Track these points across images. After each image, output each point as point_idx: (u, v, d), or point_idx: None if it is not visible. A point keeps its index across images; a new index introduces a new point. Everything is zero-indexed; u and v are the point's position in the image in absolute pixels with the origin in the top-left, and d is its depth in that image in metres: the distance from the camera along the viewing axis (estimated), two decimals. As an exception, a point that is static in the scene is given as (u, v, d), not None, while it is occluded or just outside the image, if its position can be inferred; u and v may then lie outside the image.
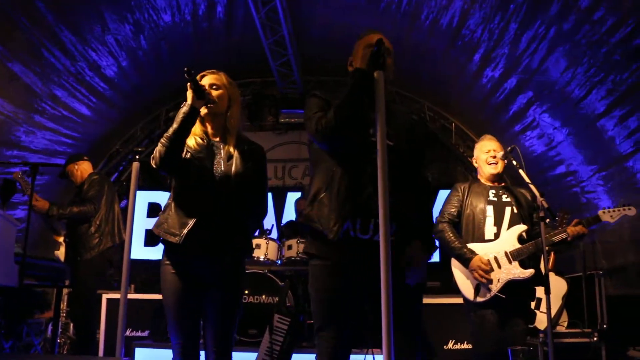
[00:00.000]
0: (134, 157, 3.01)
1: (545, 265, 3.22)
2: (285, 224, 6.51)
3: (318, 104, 2.30)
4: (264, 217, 2.82)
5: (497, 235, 3.37)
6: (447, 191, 3.74)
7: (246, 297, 4.81)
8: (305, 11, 6.69)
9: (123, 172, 8.43)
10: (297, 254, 5.31)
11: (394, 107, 2.49)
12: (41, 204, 4.61)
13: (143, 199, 7.73)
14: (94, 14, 5.58)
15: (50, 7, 5.08)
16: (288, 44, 6.92)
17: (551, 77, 5.29)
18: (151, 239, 7.54)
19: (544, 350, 4.10)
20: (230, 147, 2.62)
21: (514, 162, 3.50)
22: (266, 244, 5.30)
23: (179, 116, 2.46)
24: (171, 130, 2.46)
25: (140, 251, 7.45)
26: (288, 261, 5.38)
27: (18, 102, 5.65)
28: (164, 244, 2.58)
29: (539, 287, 3.37)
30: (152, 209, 7.72)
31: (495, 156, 3.54)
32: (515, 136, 6.42)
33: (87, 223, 4.70)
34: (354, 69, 2.31)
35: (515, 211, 3.40)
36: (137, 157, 3.01)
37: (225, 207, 2.54)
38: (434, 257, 2.51)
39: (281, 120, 8.47)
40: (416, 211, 2.36)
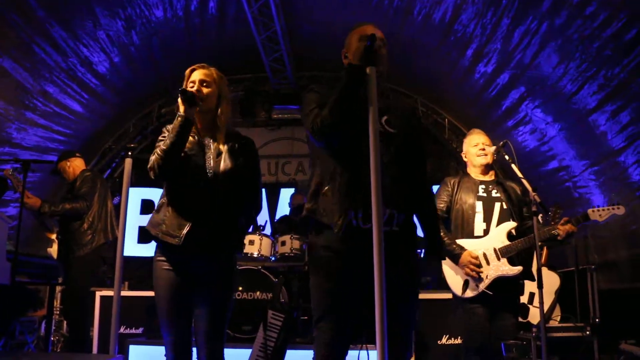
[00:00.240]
0: (126, 154, 2.98)
1: (537, 260, 3.23)
2: (279, 219, 6.50)
3: (315, 100, 2.28)
4: (258, 212, 2.79)
5: (486, 232, 3.38)
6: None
7: (240, 294, 4.80)
8: (298, 7, 6.68)
9: (116, 168, 8.40)
10: (291, 250, 5.31)
11: (393, 96, 2.50)
12: (33, 201, 4.59)
13: (136, 195, 7.70)
14: (85, 9, 5.55)
15: (40, 2, 5.04)
16: (281, 39, 6.91)
17: (543, 73, 5.31)
18: (144, 236, 7.50)
19: (536, 345, 4.14)
20: (220, 143, 2.60)
21: (507, 157, 3.50)
22: (260, 240, 5.30)
23: (174, 129, 2.44)
24: (168, 142, 2.45)
25: (133, 248, 7.43)
26: (282, 257, 5.37)
27: (9, 98, 5.61)
28: (160, 243, 2.57)
29: (531, 282, 3.39)
30: (145, 206, 7.70)
31: (484, 149, 3.55)
32: (507, 131, 6.44)
33: (79, 220, 4.68)
34: (347, 64, 2.31)
35: (505, 207, 3.40)
36: (129, 153, 2.99)
37: (219, 204, 2.54)
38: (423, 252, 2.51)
39: (274, 116, 8.44)
40: (423, 199, 2.38)
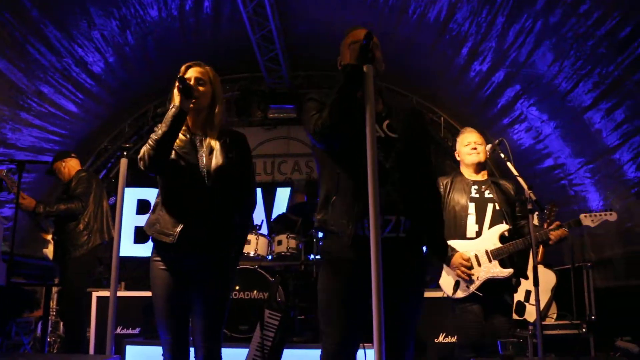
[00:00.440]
0: (122, 154, 2.98)
1: (533, 259, 3.25)
2: (275, 218, 6.49)
3: (315, 107, 2.27)
4: (253, 207, 2.78)
5: (478, 234, 3.38)
6: (435, 185, 3.74)
7: (237, 293, 4.80)
8: (293, 6, 6.67)
9: (111, 169, 8.37)
10: (287, 249, 5.31)
11: (393, 98, 2.48)
12: (27, 201, 4.58)
13: (132, 195, 7.67)
14: (79, 9, 5.52)
15: (34, 2, 5.01)
16: (276, 39, 6.90)
17: (538, 71, 5.32)
18: (141, 236, 7.50)
19: (533, 342, 4.15)
20: (212, 140, 2.60)
21: (502, 155, 3.51)
22: (256, 240, 5.29)
23: (167, 119, 2.43)
24: (160, 132, 2.43)
25: (129, 248, 7.41)
26: (278, 256, 5.37)
27: (3, 99, 5.58)
28: (155, 243, 2.57)
29: (528, 280, 3.40)
30: (142, 206, 7.68)
31: (475, 147, 3.55)
32: (503, 129, 6.45)
33: (75, 221, 4.67)
34: (344, 64, 2.31)
35: (498, 208, 3.40)
36: (125, 153, 2.98)
37: (214, 202, 2.53)
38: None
39: (270, 116, 8.43)
40: (429, 205, 2.35)
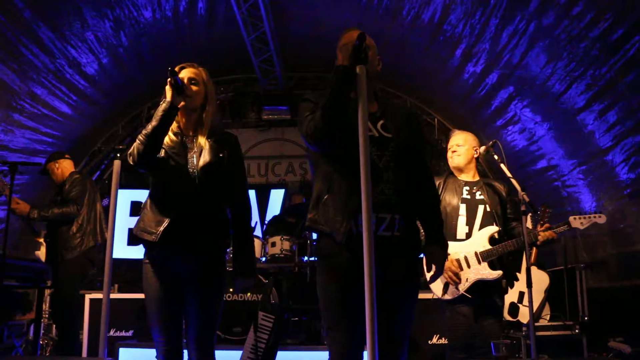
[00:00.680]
0: (115, 156, 2.97)
1: (527, 260, 3.25)
2: (269, 221, 6.49)
3: (309, 108, 2.26)
4: (250, 211, 2.75)
5: (468, 235, 3.38)
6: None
7: (230, 295, 4.78)
8: (287, 7, 6.68)
9: (105, 170, 8.36)
10: (281, 251, 5.30)
11: (387, 99, 2.48)
12: (22, 207, 4.55)
13: (125, 197, 7.65)
14: (72, 10, 5.50)
15: (27, 3, 4.99)
16: (270, 40, 6.90)
17: (532, 72, 5.34)
18: (133, 238, 7.46)
19: (526, 343, 4.16)
20: (202, 141, 2.59)
21: (496, 157, 3.52)
22: (250, 241, 5.28)
23: (157, 114, 2.42)
24: (150, 127, 2.42)
25: (123, 250, 7.39)
26: (272, 258, 5.37)
27: (-5, 100, 5.57)
28: (142, 243, 2.56)
29: (521, 281, 3.41)
30: (135, 208, 7.65)
31: (455, 150, 3.56)
32: (497, 131, 6.47)
33: (68, 223, 4.65)
34: (336, 65, 2.30)
35: (488, 209, 3.40)
36: (118, 155, 2.97)
37: (202, 202, 2.52)
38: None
39: (264, 117, 8.43)
40: (425, 203, 2.37)
